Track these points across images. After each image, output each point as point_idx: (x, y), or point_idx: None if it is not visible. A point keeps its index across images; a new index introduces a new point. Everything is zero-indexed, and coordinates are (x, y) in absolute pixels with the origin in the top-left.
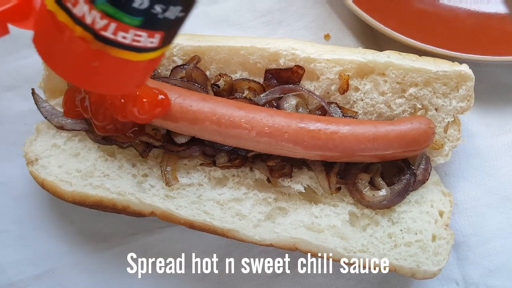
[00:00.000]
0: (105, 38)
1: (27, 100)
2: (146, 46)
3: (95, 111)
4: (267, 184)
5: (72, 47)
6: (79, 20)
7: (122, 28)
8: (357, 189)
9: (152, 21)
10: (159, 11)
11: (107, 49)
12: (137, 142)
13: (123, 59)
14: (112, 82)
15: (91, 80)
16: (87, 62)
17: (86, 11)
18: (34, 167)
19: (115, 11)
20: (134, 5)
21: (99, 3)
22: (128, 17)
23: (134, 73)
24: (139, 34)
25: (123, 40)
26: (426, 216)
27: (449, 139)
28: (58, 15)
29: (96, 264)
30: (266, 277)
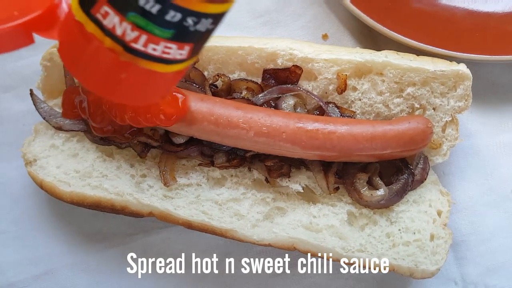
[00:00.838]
0: (135, 50)
1: (25, 101)
2: (175, 58)
3: (93, 113)
4: (266, 184)
5: (99, 58)
6: (109, 31)
7: (152, 40)
8: (355, 189)
9: (183, 33)
10: (190, 24)
11: (136, 61)
12: (135, 142)
13: (151, 71)
14: (138, 93)
15: (118, 91)
16: (115, 74)
17: (117, 22)
18: (32, 167)
19: (147, 23)
20: (167, 18)
21: (130, 15)
22: (160, 29)
23: (160, 85)
24: (169, 46)
25: (153, 52)
26: (424, 215)
27: (447, 138)
28: (86, 26)
29: (95, 264)
30: (265, 277)
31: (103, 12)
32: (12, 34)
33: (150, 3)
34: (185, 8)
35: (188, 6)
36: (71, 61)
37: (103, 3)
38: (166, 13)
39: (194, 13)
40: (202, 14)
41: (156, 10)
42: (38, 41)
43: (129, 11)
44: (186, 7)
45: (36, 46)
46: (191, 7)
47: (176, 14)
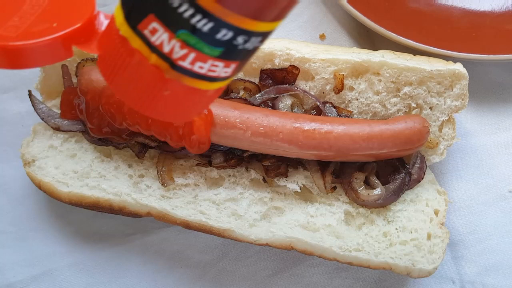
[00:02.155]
0: (182, 68)
1: (24, 102)
2: (219, 76)
3: (90, 114)
4: (263, 184)
5: (142, 75)
6: (155, 48)
7: (201, 58)
8: (352, 188)
9: (232, 51)
10: (240, 42)
11: (180, 78)
12: (133, 143)
13: (193, 88)
14: (177, 110)
15: (157, 107)
16: (157, 90)
17: (165, 39)
18: (31, 168)
19: (197, 41)
20: (217, 36)
21: (180, 33)
22: (209, 47)
23: (200, 102)
24: (216, 64)
25: (199, 70)
26: (421, 214)
27: (444, 138)
28: (131, 41)
29: (93, 264)
30: (263, 277)
31: (151, 28)
32: (52, 47)
33: (202, 21)
34: (237, 27)
35: (240, 25)
36: (111, 75)
37: (152, 20)
38: (218, 31)
39: (245, 32)
40: (253, 32)
41: (208, 28)
42: None
43: (179, 28)
44: (238, 26)
45: None
46: (243, 26)
47: (228, 32)
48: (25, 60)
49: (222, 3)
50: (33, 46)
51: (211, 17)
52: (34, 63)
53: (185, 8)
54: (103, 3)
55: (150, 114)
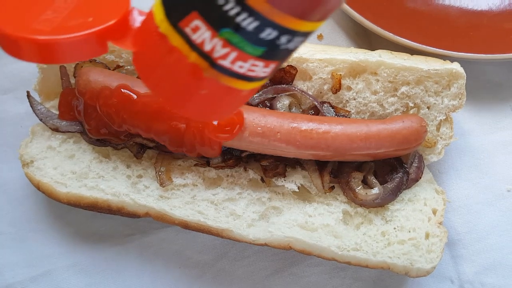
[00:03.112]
0: (221, 67)
1: (23, 103)
2: (257, 76)
3: (88, 115)
4: (261, 184)
5: (180, 73)
6: (196, 46)
7: (242, 57)
8: (350, 188)
9: (273, 51)
10: (283, 42)
11: (218, 77)
12: (131, 143)
13: (230, 88)
14: (213, 110)
15: (192, 106)
16: (194, 89)
17: (207, 38)
18: (29, 169)
19: (240, 40)
20: (261, 36)
21: (224, 31)
22: (252, 47)
23: (235, 102)
24: (256, 64)
25: (239, 70)
26: (419, 214)
27: (441, 137)
28: (171, 39)
29: (92, 265)
30: (261, 277)
31: (193, 26)
32: (87, 42)
33: (248, 20)
34: (283, 26)
35: (286, 24)
36: (147, 73)
37: (195, 17)
38: (263, 30)
39: (290, 31)
40: (297, 32)
41: (253, 27)
42: None
43: (223, 26)
44: (284, 25)
45: None
46: (289, 25)
47: (272, 32)
48: (59, 55)
49: (271, 2)
50: (68, 41)
51: (257, 15)
52: (68, 59)
53: (231, 6)
54: None
55: (184, 113)
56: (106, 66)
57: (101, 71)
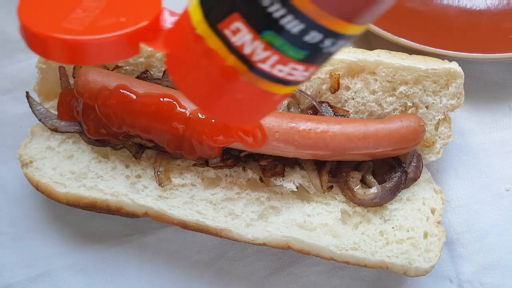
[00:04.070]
0: (260, 71)
1: (22, 103)
2: (295, 80)
3: (86, 116)
4: (260, 184)
5: (216, 76)
6: (235, 49)
7: (282, 61)
8: (348, 187)
9: (316, 55)
10: (327, 45)
11: (257, 81)
12: (130, 143)
13: (267, 92)
14: (245, 114)
15: (225, 109)
16: (230, 93)
17: (248, 40)
18: (28, 169)
19: (283, 43)
20: (306, 39)
21: (266, 34)
22: (294, 50)
23: (268, 106)
24: (296, 68)
25: (278, 73)
26: (417, 213)
27: (440, 136)
28: (208, 41)
29: (92, 265)
30: (260, 277)
31: (234, 28)
32: (119, 43)
33: (293, 22)
34: (328, 29)
35: (332, 27)
36: (180, 75)
37: (236, 19)
38: (307, 33)
39: (335, 34)
40: (342, 35)
41: (298, 30)
42: None
43: (266, 29)
44: (330, 28)
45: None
46: (335, 28)
47: (317, 35)
48: (89, 56)
49: (319, 4)
50: (101, 42)
51: (303, 18)
52: (98, 60)
53: (276, 8)
54: None
55: (216, 116)
56: (105, 66)
57: (99, 71)
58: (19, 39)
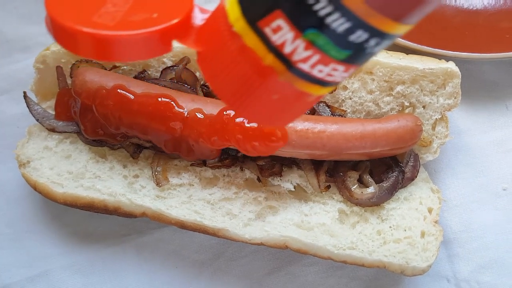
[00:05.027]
0: (299, 71)
1: (20, 103)
2: (334, 81)
3: (83, 116)
4: (258, 184)
5: (251, 76)
6: (275, 48)
7: (324, 61)
8: (346, 187)
9: (358, 55)
10: (371, 45)
11: (294, 82)
12: (128, 143)
13: (304, 93)
14: (278, 115)
15: (258, 110)
16: (265, 93)
17: (289, 39)
18: (26, 169)
19: (326, 42)
20: (351, 38)
21: (309, 32)
22: (337, 50)
23: (303, 107)
24: (337, 68)
25: (317, 74)
26: (415, 212)
27: (437, 136)
28: (246, 39)
29: (89, 265)
30: (258, 276)
31: (275, 26)
32: (151, 40)
33: (339, 20)
34: (376, 28)
35: (379, 27)
36: (214, 74)
37: (278, 16)
38: (353, 33)
39: (381, 34)
40: (387, 35)
41: (344, 29)
42: (31, 44)
43: (309, 27)
44: (377, 27)
45: (29, 49)
46: (382, 28)
47: (363, 34)
48: (120, 52)
49: (370, 3)
50: (134, 38)
51: (351, 16)
52: (129, 56)
53: (322, 6)
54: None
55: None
56: (102, 66)
57: (97, 71)
58: (16, 39)
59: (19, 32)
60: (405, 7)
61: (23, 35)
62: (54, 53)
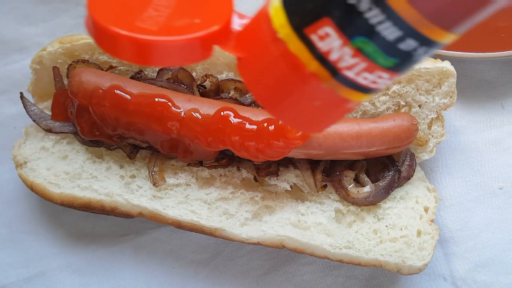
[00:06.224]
0: (344, 78)
1: (16, 104)
2: (377, 88)
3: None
4: (254, 183)
5: (294, 82)
6: (320, 55)
7: (370, 68)
8: (342, 186)
9: (405, 62)
10: (420, 53)
11: (338, 89)
12: (125, 144)
13: (346, 99)
14: (317, 121)
15: (298, 116)
16: (307, 100)
17: (336, 46)
18: (23, 170)
19: (375, 50)
20: (400, 46)
21: (358, 40)
22: (385, 57)
23: (341, 113)
24: (382, 76)
25: (362, 81)
26: (411, 211)
27: (433, 135)
28: (290, 45)
29: (87, 265)
30: (255, 276)
31: (322, 33)
32: (193, 45)
33: (390, 28)
34: (426, 37)
35: (430, 35)
36: (253, 79)
37: (326, 23)
38: (403, 41)
39: (430, 43)
40: (436, 43)
41: (394, 37)
42: (28, 45)
43: (358, 35)
44: (428, 36)
45: (26, 50)
46: (432, 36)
47: (413, 42)
48: (162, 57)
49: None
50: (177, 43)
51: (403, 25)
52: (170, 61)
53: (374, 14)
54: None
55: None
56: (99, 66)
57: (94, 72)
58: (13, 39)
59: (16, 32)
60: (457, 17)
61: (20, 36)
62: (50, 54)
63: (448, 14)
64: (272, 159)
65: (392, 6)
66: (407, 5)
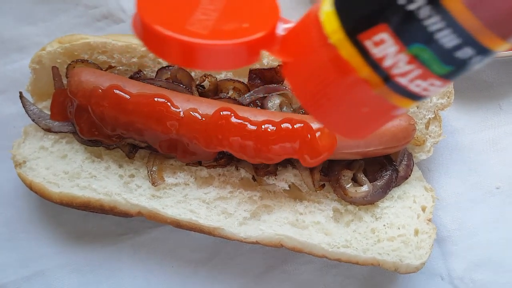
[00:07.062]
0: (396, 85)
1: (16, 104)
2: (427, 95)
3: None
4: (253, 183)
5: (345, 88)
6: (373, 61)
7: (424, 76)
8: (340, 186)
9: (458, 71)
10: (473, 62)
11: (388, 96)
12: (123, 143)
13: (394, 106)
14: (363, 127)
15: (344, 122)
16: (356, 106)
17: (391, 52)
18: (22, 169)
19: (431, 57)
20: (457, 54)
21: (414, 47)
22: (440, 65)
23: (387, 120)
24: (434, 84)
25: (414, 88)
26: (408, 211)
27: (430, 135)
28: (342, 50)
29: (86, 265)
30: (254, 275)
31: (378, 39)
32: (241, 50)
33: (448, 36)
34: (483, 46)
35: (487, 44)
36: (300, 83)
37: (382, 30)
38: (461, 49)
39: (486, 51)
40: (491, 52)
41: (452, 45)
42: (27, 44)
43: (415, 42)
44: (485, 45)
45: (25, 49)
46: (489, 45)
47: (470, 51)
48: (210, 61)
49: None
50: (227, 48)
51: (462, 33)
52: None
53: (434, 21)
54: None
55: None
56: (98, 66)
57: (93, 72)
58: (12, 39)
59: (15, 32)
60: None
61: (19, 36)
62: (49, 54)
63: (508, 23)
64: (270, 162)
65: (453, 14)
66: (468, 13)
